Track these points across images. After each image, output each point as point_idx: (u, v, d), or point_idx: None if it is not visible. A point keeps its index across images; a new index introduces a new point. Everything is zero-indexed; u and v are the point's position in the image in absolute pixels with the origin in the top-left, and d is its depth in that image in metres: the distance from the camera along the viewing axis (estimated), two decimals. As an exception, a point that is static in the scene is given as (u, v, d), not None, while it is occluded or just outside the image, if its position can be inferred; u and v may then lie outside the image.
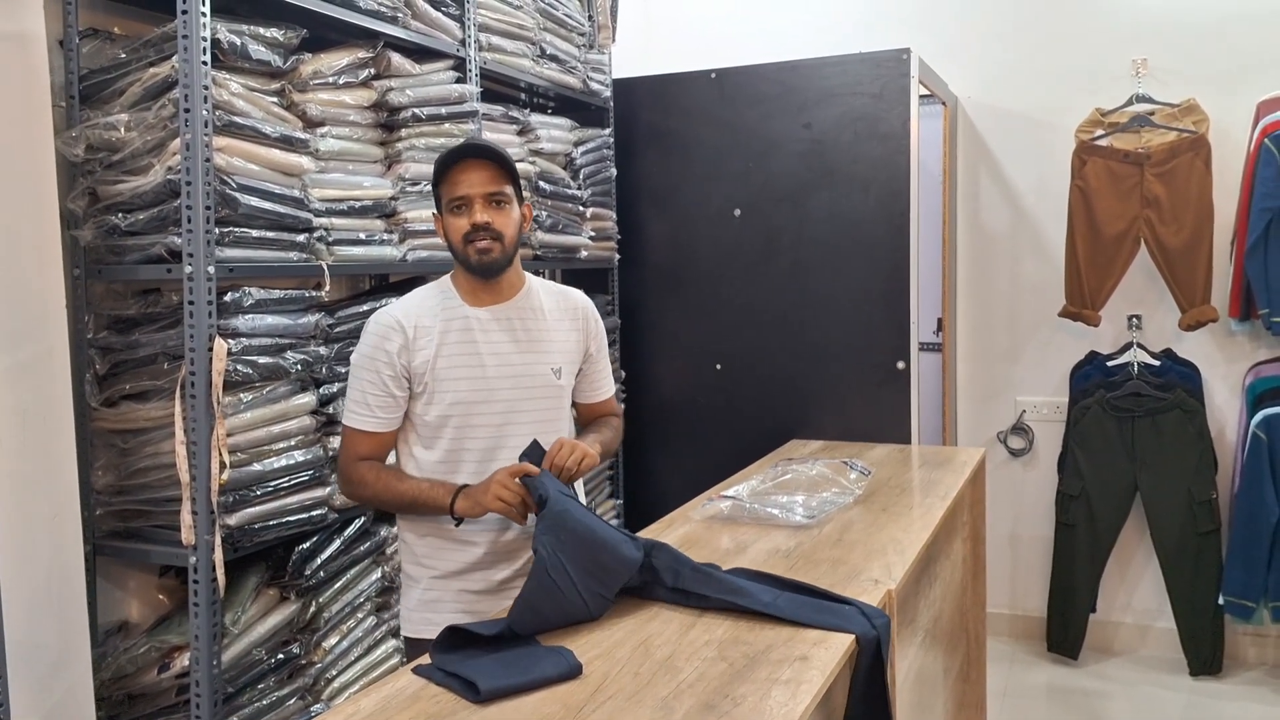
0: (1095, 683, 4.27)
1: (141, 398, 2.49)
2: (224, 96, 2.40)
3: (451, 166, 2.26)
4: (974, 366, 4.82)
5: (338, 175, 2.78)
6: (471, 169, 2.25)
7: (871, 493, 2.88)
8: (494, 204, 2.26)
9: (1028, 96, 4.65)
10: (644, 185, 4.37)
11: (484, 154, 2.27)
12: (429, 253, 3.09)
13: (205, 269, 2.33)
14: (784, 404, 4.07)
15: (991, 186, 4.76)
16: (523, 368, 2.34)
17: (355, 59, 2.82)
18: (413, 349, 2.26)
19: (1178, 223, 4.19)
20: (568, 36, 3.95)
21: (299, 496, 2.61)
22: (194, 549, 2.35)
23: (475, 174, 2.25)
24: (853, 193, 3.95)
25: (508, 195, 2.28)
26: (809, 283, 4.05)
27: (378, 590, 2.94)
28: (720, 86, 4.19)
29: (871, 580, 2.11)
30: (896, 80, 3.86)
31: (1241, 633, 4.38)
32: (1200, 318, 4.19)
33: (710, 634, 1.85)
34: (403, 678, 1.70)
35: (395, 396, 2.27)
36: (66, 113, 2.47)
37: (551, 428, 2.34)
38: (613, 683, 1.65)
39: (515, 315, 2.36)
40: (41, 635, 2.27)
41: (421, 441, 2.31)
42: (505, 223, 2.27)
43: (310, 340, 2.68)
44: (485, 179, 2.25)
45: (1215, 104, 4.27)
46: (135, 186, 2.41)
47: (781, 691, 1.60)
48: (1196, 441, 4.22)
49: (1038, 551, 4.70)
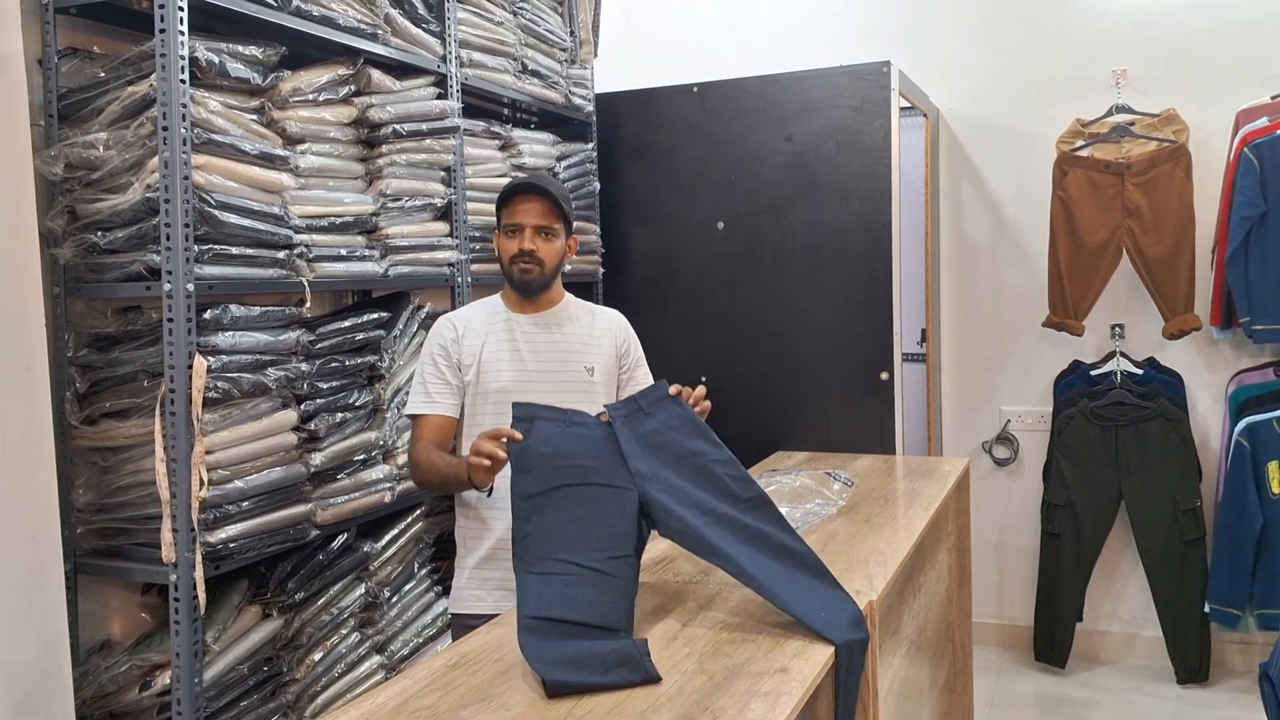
0: (1083, 691, 4.27)
1: (122, 415, 2.49)
2: (203, 114, 2.40)
3: (514, 196, 2.60)
4: (958, 377, 4.83)
5: (318, 192, 2.78)
6: (530, 201, 2.59)
7: (855, 504, 2.88)
8: (542, 235, 2.59)
9: (1009, 108, 4.68)
10: (627, 199, 4.38)
11: (542, 191, 2.60)
12: (410, 268, 3.10)
13: (184, 286, 2.33)
14: (769, 416, 4.08)
15: (974, 197, 4.78)
16: (558, 364, 2.64)
17: (335, 76, 2.82)
18: (462, 342, 2.60)
19: (1159, 232, 4.21)
20: (549, 52, 3.96)
21: (281, 513, 2.60)
22: (175, 566, 2.34)
23: (532, 206, 2.58)
24: (835, 204, 3.97)
25: (556, 230, 2.61)
26: (793, 294, 4.06)
27: (360, 606, 2.93)
28: (702, 100, 4.21)
29: (853, 591, 2.11)
30: (877, 92, 3.88)
31: (1228, 640, 4.39)
32: (1183, 326, 4.22)
33: (691, 646, 1.85)
34: (383, 694, 1.70)
35: (450, 384, 2.58)
36: (45, 131, 2.47)
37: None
38: (591, 697, 1.65)
39: (553, 321, 2.69)
40: (22, 654, 2.26)
41: (470, 431, 2.57)
42: (549, 252, 2.61)
43: (291, 356, 2.67)
44: (540, 212, 2.58)
45: (1195, 113, 4.30)
46: (114, 204, 2.40)
47: (761, 704, 1.60)
48: (1180, 449, 4.24)
49: (1024, 561, 4.71)
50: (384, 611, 3.03)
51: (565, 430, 2.11)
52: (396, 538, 3.09)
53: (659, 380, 2.30)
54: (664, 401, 2.20)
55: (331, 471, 2.79)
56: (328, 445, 2.76)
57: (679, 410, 2.20)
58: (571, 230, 2.69)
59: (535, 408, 2.13)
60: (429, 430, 2.55)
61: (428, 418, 2.57)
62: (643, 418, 2.17)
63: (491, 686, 1.71)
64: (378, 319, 2.98)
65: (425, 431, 2.55)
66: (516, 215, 2.59)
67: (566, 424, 2.12)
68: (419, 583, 3.18)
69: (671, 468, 2.12)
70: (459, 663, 1.82)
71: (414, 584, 3.16)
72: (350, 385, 2.87)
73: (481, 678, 1.75)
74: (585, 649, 1.76)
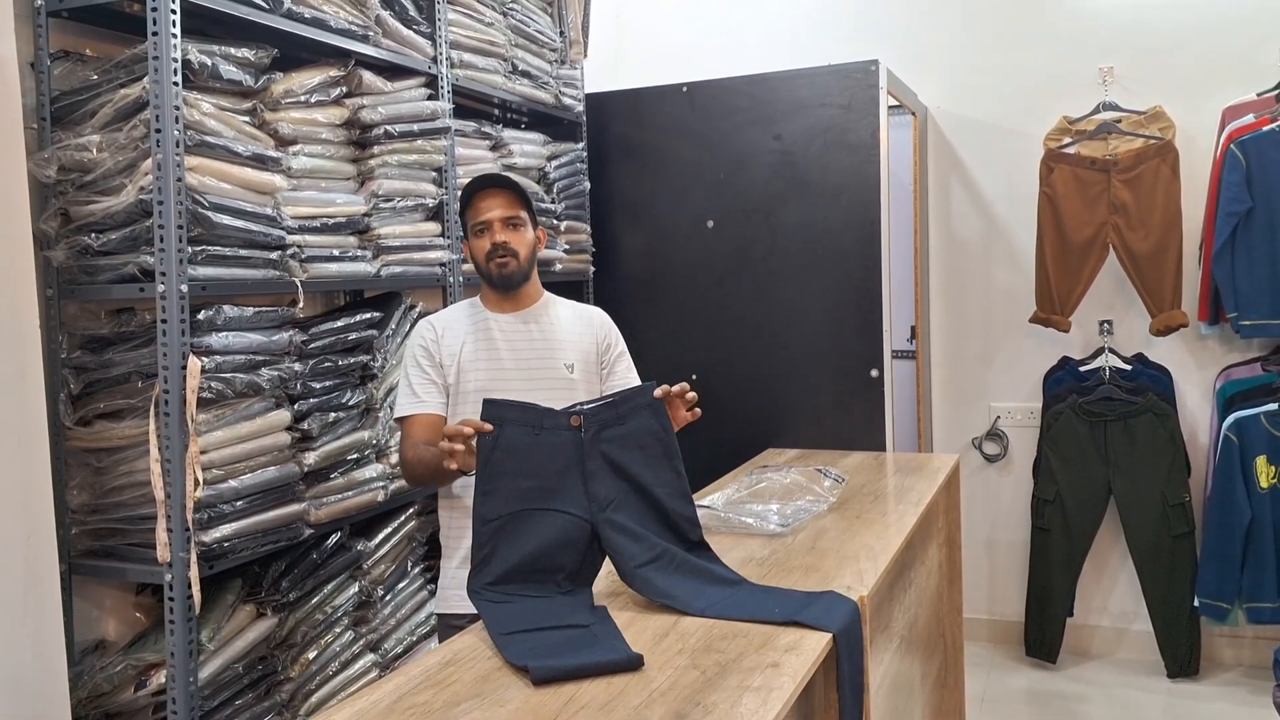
0: (1074, 686, 4.30)
1: (116, 416, 2.50)
2: (195, 116, 2.41)
3: (474, 195, 2.63)
4: (948, 373, 4.85)
5: (310, 193, 2.80)
6: (491, 196, 2.62)
7: (845, 500, 2.90)
8: (511, 226, 2.62)
9: (996, 106, 4.71)
10: (617, 198, 4.40)
11: (501, 184, 2.65)
12: (403, 268, 3.11)
13: (178, 288, 2.34)
14: (759, 413, 4.09)
15: (962, 195, 4.80)
16: (537, 362, 2.64)
17: (327, 77, 2.83)
18: (441, 342, 2.62)
19: (1145, 228, 4.24)
20: (539, 52, 3.97)
21: (275, 512, 2.61)
22: (169, 566, 2.35)
23: (494, 200, 2.61)
24: (824, 203, 3.99)
25: (523, 219, 2.64)
26: (783, 292, 4.08)
27: (354, 605, 2.95)
28: (691, 99, 4.23)
29: (844, 587, 2.13)
30: (865, 91, 3.90)
31: (1218, 634, 4.42)
32: (1170, 322, 4.24)
33: (683, 642, 1.86)
34: (377, 691, 1.71)
35: (435, 382, 2.60)
36: (38, 134, 2.48)
37: None
38: (585, 692, 1.66)
39: (532, 319, 2.70)
40: (17, 654, 2.26)
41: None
42: (521, 242, 2.63)
43: (285, 357, 2.68)
44: (504, 204, 2.61)
45: (1181, 110, 4.33)
46: (107, 207, 2.41)
47: (752, 698, 1.62)
48: (1169, 445, 4.26)
49: (1014, 556, 4.74)
50: (377, 610, 3.04)
51: (533, 439, 2.12)
52: (390, 536, 3.10)
53: (647, 382, 2.30)
54: (642, 410, 2.21)
55: (325, 471, 2.81)
56: (321, 445, 2.77)
57: (654, 423, 2.21)
58: (537, 221, 2.72)
59: (505, 407, 2.14)
60: (419, 429, 2.56)
61: (417, 417, 2.58)
62: (615, 425, 2.18)
63: (486, 683, 1.72)
64: (370, 319, 3.00)
65: (416, 431, 2.56)
66: (481, 213, 2.61)
67: (536, 430, 2.13)
68: (412, 581, 3.19)
69: (626, 495, 2.14)
70: (453, 660, 1.83)
71: (407, 583, 3.18)
72: (343, 385, 2.88)
73: (476, 674, 1.76)
74: (559, 637, 1.85)
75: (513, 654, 1.79)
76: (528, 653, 1.77)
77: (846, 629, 1.90)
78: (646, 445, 2.19)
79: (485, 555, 2.05)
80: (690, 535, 2.18)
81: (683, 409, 2.34)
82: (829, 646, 1.85)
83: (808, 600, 2.01)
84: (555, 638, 1.85)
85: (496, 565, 2.04)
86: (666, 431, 2.22)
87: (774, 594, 2.06)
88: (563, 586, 2.06)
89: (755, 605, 1.99)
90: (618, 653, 1.77)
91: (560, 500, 2.10)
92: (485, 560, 2.05)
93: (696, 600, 2.02)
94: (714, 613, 1.98)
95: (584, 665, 1.72)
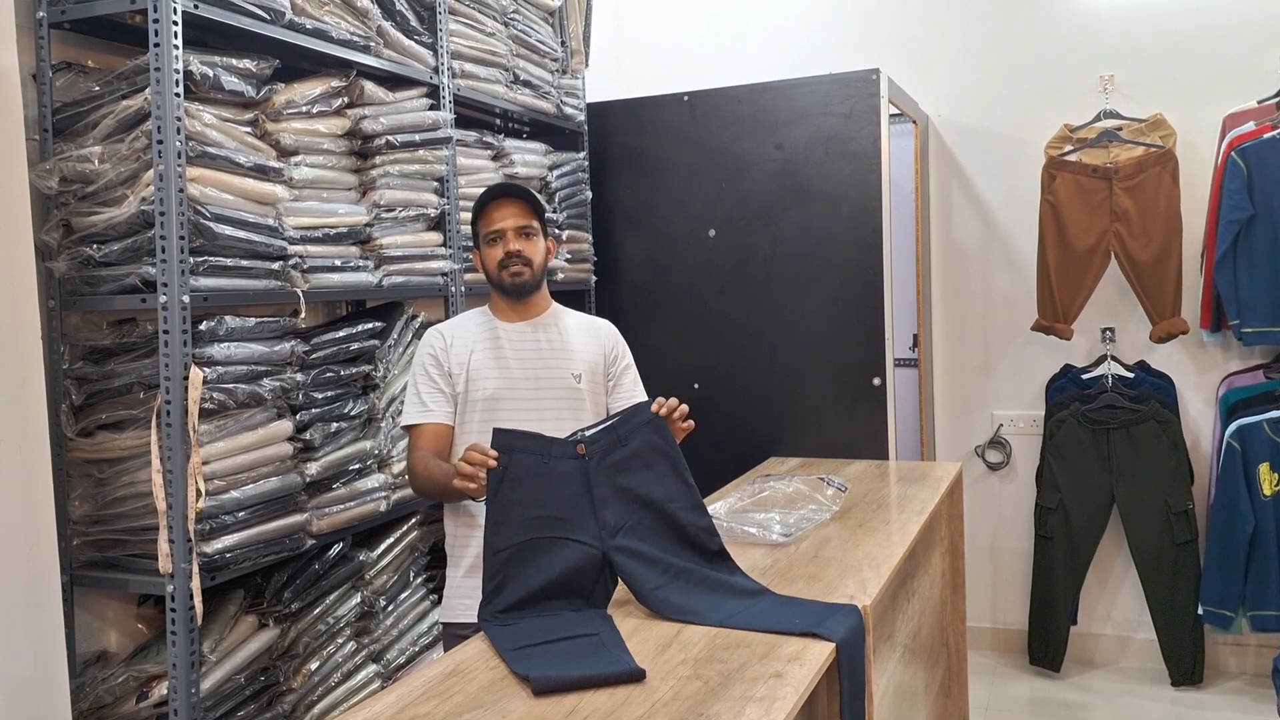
0: (1077, 695, 4.28)
1: (117, 427, 2.50)
2: (197, 127, 2.42)
3: (487, 204, 2.63)
4: (950, 381, 4.85)
5: (312, 203, 2.80)
6: (504, 206, 2.63)
7: (848, 509, 2.90)
8: (524, 235, 2.63)
9: (997, 114, 4.71)
10: (619, 207, 4.40)
11: (515, 193, 2.65)
12: (404, 278, 3.11)
13: (179, 298, 2.34)
14: (762, 422, 4.09)
15: (963, 203, 4.80)
16: (544, 371, 2.64)
17: (328, 88, 2.84)
18: (450, 350, 2.61)
19: (1147, 236, 4.24)
20: (541, 62, 3.98)
21: (276, 523, 2.61)
22: (171, 577, 2.35)
23: (508, 210, 2.62)
24: (825, 211, 3.99)
25: (535, 229, 2.65)
26: (784, 301, 4.08)
27: (356, 615, 2.94)
28: (693, 108, 4.23)
29: (846, 596, 2.13)
30: (866, 100, 3.91)
31: (1222, 642, 4.40)
32: (1171, 330, 4.24)
33: (686, 652, 1.86)
34: (379, 702, 1.71)
35: (444, 391, 2.59)
36: (40, 146, 2.48)
37: (573, 425, 2.41)
38: (588, 703, 1.66)
39: (541, 329, 2.70)
40: (19, 666, 2.26)
41: (461, 438, 2.57)
42: (533, 251, 2.65)
43: (286, 367, 2.68)
44: (516, 214, 2.62)
45: (1182, 118, 4.33)
46: (109, 218, 2.41)
47: (755, 709, 1.62)
48: (1171, 452, 4.26)
49: (1017, 564, 4.73)
50: (380, 620, 3.04)
51: (542, 467, 2.13)
52: (391, 546, 3.10)
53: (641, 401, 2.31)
54: (642, 429, 2.22)
55: (327, 481, 2.80)
56: (323, 455, 2.77)
57: (656, 439, 2.22)
58: (548, 231, 2.73)
59: (514, 436, 2.15)
60: (427, 439, 2.56)
61: (425, 427, 2.58)
62: (619, 448, 2.19)
63: (488, 694, 1.72)
64: (372, 329, 3.00)
65: (423, 440, 2.56)
66: (495, 222, 2.62)
67: (545, 458, 2.14)
68: (414, 591, 3.19)
69: (639, 517, 2.15)
70: (455, 670, 1.83)
71: (409, 593, 3.17)
72: (345, 395, 2.88)
73: (478, 685, 1.76)
74: (566, 647, 1.85)
75: (519, 665, 1.79)
76: (533, 664, 1.77)
77: (849, 638, 1.90)
78: (653, 463, 2.20)
79: (497, 584, 2.05)
80: (710, 545, 2.19)
81: (678, 423, 2.34)
82: (832, 656, 1.85)
83: (828, 612, 2.00)
84: (562, 648, 1.85)
85: (509, 594, 2.05)
86: (670, 445, 2.23)
87: (794, 605, 2.05)
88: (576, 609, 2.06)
89: (775, 617, 1.98)
90: (620, 664, 1.77)
91: (571, 529, 2.11)
92: (497, 589, 2.05)
93: (715, 613, 2.01)
94: (734, 623, 1.97)
95: (585, 676, 1.72)
